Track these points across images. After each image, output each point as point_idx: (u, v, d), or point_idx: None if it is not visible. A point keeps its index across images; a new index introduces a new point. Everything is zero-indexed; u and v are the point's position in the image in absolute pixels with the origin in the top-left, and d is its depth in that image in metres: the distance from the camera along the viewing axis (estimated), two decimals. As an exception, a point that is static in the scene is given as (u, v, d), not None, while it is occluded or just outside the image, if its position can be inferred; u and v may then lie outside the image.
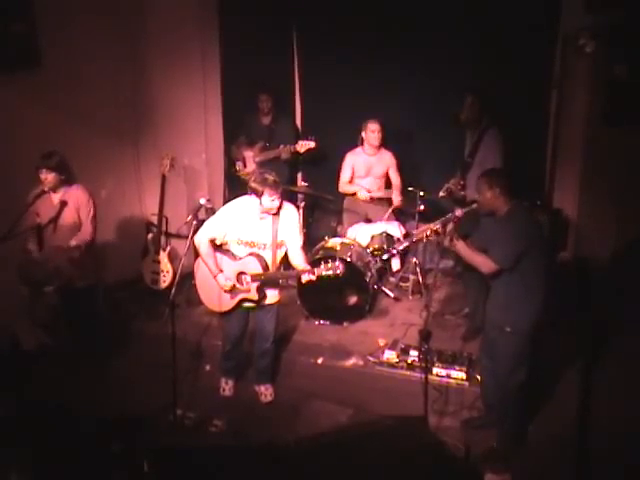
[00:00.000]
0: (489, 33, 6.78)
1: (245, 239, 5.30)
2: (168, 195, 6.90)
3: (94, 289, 6.04)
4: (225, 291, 5.34)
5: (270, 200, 5.13)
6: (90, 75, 6.83)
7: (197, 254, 5.42)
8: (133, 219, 7.59)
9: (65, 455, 4.67)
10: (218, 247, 5.36)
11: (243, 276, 5.29)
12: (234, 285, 5.31)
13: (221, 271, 5.30)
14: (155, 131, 7.59)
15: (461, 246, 4.82)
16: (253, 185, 5.16)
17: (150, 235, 6.98)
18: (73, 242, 5.68)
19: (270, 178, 5.15)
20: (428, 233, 5.05)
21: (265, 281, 5.33)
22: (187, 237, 5.31)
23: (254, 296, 5.33)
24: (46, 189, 5.61)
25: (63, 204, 5.66)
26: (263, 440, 5.11)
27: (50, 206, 5.68)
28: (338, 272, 5.06)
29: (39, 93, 6.36)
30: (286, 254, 5.37)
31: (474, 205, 4.98)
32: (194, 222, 5.51)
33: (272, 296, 5.48)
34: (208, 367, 6.13)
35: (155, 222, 6.94)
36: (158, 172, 6.92)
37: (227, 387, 5.85)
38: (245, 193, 5.33)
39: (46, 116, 6.43)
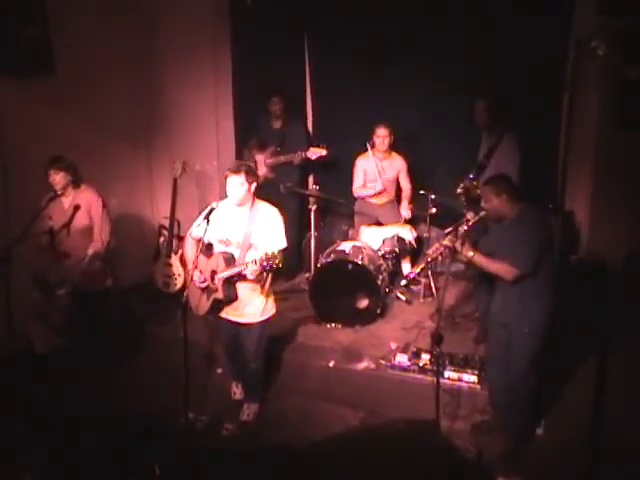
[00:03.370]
0: (501, 35, 6.76)
1: (221, 236, 5.20)
2: (180, 199, 6.92)
3: (107, 292, 6.08)
4: (201, 289, 5.28)
5: (230, 184, 5.05)
6: (103, 80, 6.87)
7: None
8: (145, 222, 7.64)
9: (78, 457, 4.69)
10: (209, 248, 5.27)
11: (216, 275, 5.21)
12: (207, 282, 5.23)
13: (199, 271, 5.19)
14: (167, 135, 7.64)
15: (478, 257, 4.74)
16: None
17: (162, 238, 7.00)
18: (90, 251, 5.73)
19: (235, 162, 5.09)
20: (442, 250, 4.85)
21: (227, 278, 5.15)
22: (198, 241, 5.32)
23: (220, 295, 5.22)
24: (58, 191, 5.66)
25: (76, 208, 5.69)
26: (275, 443, 5.11)
27: (62, 210, 5.72)
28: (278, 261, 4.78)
29: (52, 97, 6.38)
30: None
31: (482, 213, 4.88)
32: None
33: (251, 314, 5.31)
34: (220, 370, 6.14)
35: (167, 225, 6.96)
36: (170, 176, 6.94)
37: (238, 391, 5.85)
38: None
39: (59, 120, 6.46)
